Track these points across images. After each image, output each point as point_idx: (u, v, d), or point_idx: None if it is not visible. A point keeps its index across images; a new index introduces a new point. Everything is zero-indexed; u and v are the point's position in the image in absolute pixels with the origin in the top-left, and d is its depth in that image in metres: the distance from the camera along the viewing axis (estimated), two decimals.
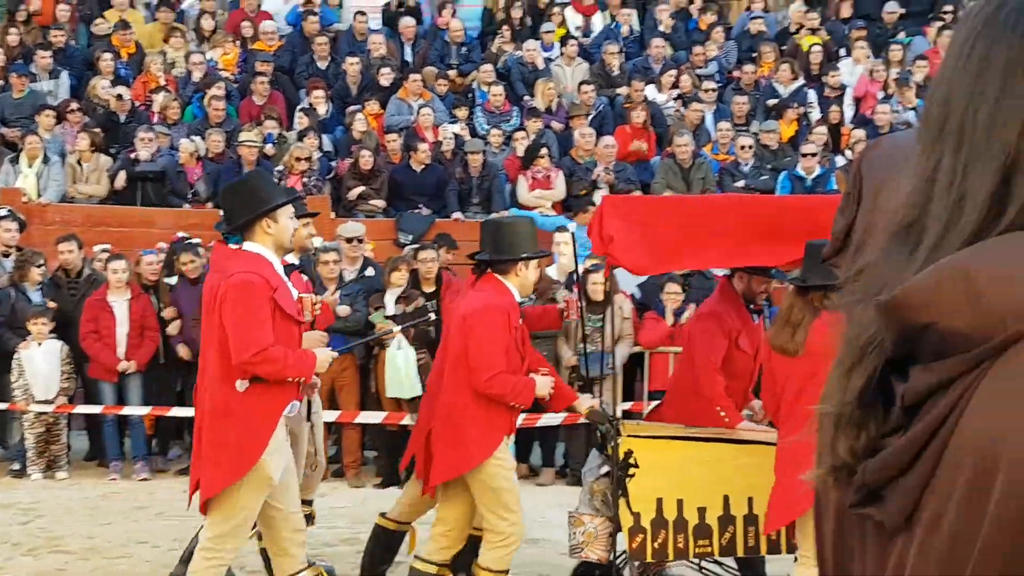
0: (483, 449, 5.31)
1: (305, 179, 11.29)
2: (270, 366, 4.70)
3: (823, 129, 11.99)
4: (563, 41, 13.63)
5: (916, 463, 1.08)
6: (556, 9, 14.25)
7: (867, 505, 1.14)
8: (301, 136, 11.90)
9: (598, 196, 11.33)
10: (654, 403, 8.81)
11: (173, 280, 9.57)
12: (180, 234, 10.52)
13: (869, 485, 1.13)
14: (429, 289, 9.14)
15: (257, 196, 4.87)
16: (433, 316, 7.22)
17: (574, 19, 14.39)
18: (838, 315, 1.22)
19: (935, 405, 1.08)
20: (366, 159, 11.45)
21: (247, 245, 4.91)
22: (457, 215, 11.48)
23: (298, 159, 11.30)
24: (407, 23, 13.98)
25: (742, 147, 11.68)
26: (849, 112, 12.73)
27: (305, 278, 6.86)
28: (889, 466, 1.10)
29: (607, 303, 8.82)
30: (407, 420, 8.56)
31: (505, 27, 13.93)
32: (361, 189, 11.48)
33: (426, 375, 8.71)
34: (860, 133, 11.62)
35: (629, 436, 5.42)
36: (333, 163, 12.07)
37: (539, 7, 14.34)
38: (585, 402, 5.68)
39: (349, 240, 9.35)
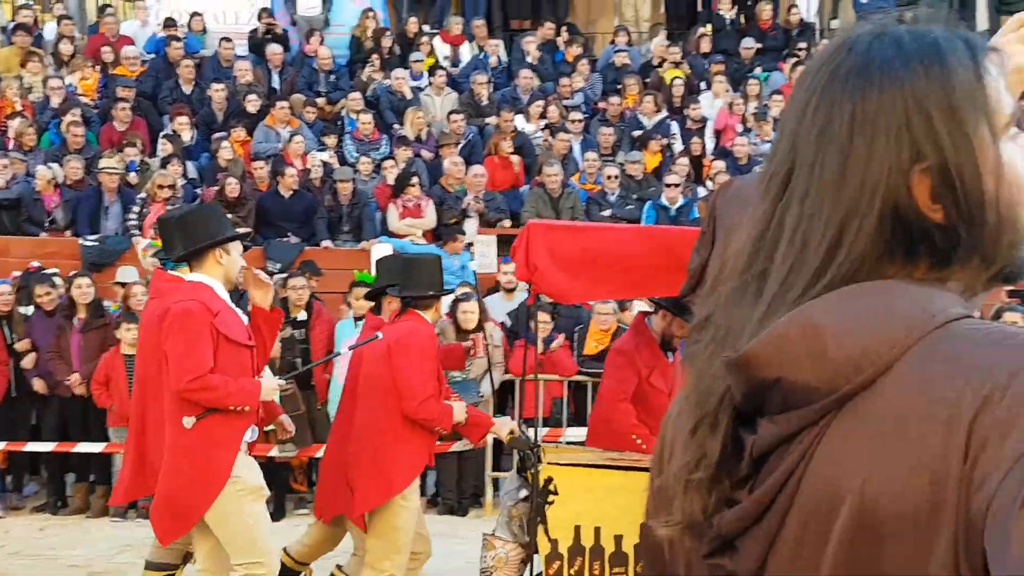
0: (407, 475, 5.39)
1: (169, 207, 11.04)
2: (209, 393, 4.70)
3: (685, 160, 12.30)
4: (432, 70, 13.71)
5: (767, 514, 1.13)
6: (424, 39, 14.31)
7: (720, 555, 1.18)
8: (164, 163, 11.65)
9: (468, 225, 11.42)
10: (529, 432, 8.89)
11: (29, 310, 9.24)
12: (34, 264, 10.19)
13: (724, 536, 1.17)
14: (299, 317, 9.04)
15: (210, 226, 4.94)
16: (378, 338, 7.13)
17: (442, 49, 14.48)
18: (686, 361, 1.25)
19: (783, 456, 1.12)
20: (232, 187, 11.28)
21: (193, 275, 4.93)
22: (327, 243, 11.40)
23: (161, 186, 11.06)
24: (274, 50, 13.85)
25: (608, 177, 11.91)
26: (710, 144, 13.10)
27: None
28: (744, 518, 1.15)
29: (478, 331, 8.87)
30: (273, 452, 8.43)
31: (374, 56, 13.93)
32: (227, 217, 11.29)
33: (289, 406, 8.61)
34: (721, 164, 11.97)
35: (550, 463, 5.46)
36: (198, 191, 11.84)
37: (408, 36, 14.40)
38: (505, 427, 5.76)
39: None
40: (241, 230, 11.05)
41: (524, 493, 5.55)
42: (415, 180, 11.52)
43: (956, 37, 1.17)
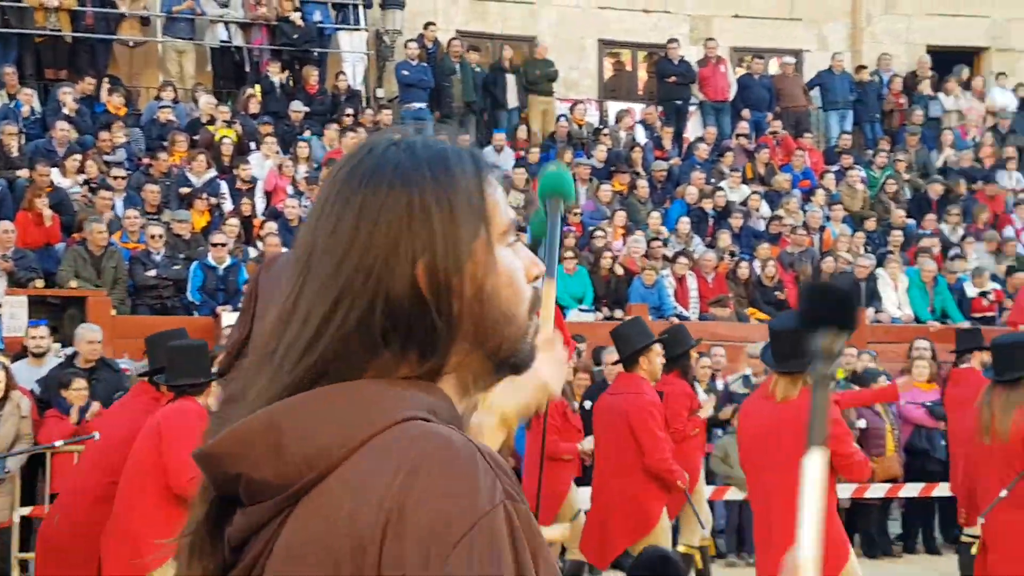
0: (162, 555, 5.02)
1: None
2: None
3: (235, 220, 12.15)
4: None
5: None
6: None
7: None
8: None
9: None
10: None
11: None
12: None
13: None
14: None
15: None
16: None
17: None
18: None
19: (251, 548, 1.18)
20: None
21: None
22: None
23: None
24: None
25: (152, 236, 11.47)
26: (261, 204, 13.04)
27: None
28: None
29: (4, 400, 8.18)
30: None
31: None
32: None
33: None
34: (272, 226, 11.94)
35: None
36: None
37: None
38: None
39: None
40: None
41: None
42: None
43: (463, 152, 1.30)
